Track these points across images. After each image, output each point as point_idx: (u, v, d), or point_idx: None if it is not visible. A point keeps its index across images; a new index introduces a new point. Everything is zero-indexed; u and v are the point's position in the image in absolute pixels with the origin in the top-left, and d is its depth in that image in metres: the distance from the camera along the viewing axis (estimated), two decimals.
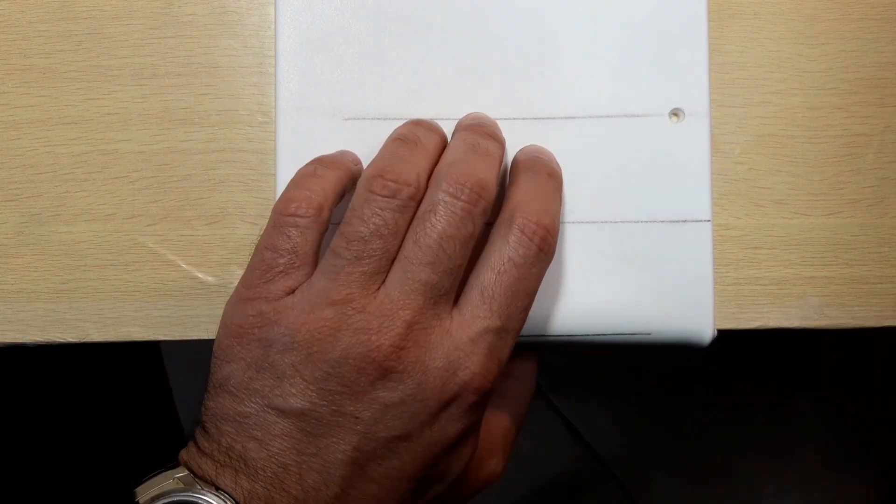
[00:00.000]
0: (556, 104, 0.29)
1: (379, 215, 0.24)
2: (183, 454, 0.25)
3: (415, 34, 0.29)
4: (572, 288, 0.29)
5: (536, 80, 0.29)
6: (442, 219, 0.24)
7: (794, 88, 0.30)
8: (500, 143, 0.27)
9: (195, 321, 0.30)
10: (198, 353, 0.32)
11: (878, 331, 0.31)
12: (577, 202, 0.29)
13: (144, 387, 0.54)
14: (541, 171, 0.27)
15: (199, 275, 0.30)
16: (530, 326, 0.29)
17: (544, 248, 0.25)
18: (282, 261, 0.25)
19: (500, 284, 0.24)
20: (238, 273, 0.30)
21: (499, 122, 0.29)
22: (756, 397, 0.95)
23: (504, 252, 0.24)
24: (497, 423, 0.29)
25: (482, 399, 0.25)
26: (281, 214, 0.25)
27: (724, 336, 0.30)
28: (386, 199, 0.24)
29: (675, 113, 0.29)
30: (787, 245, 0.30)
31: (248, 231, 0.30)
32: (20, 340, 0.30)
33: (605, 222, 0.29)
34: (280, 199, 0.25)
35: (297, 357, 0.24)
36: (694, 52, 0.29)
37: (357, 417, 0.23)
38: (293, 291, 0.25)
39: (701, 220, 0.29)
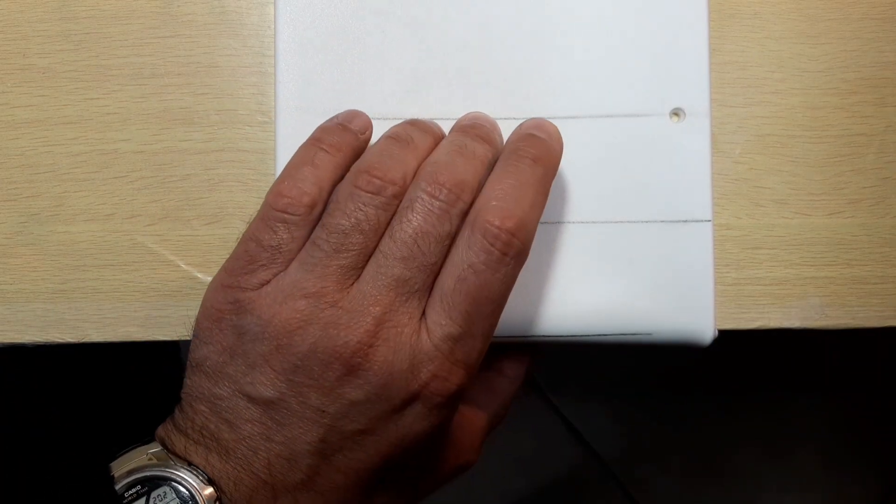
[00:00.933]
0: (557, 104, 0.29)
1: (361, 210, 0.24)
2: (160, 429, 0.26)
3: (414, 34, 0.29)
4: (572, 288, 0.29)
5: (536, 80, 0.29)
6: (418, 215, 0.24)
7: (794, 88, 0.30)
8: (492, 145, 0.27)
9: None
10: None
11: (878, 331, 0.31)
12: (577, 202, 0.29)
13: (165, 387, 0.54)
14: (524, 155, 0.25)
15: (199, 275, 0.30)
16: (531, 327, 0.29)
17: (509, 252, 0.24)
18: (264, 255, 0.25)
19: (459, 292, 0.24)
20: None
21: (499, 122, 0.29)
22: (756, 397, 0.94)
23: (465, 257, 0.24)
24: (478, 417, 0.29)
25: (448, 400, 0.25)
26: (271, 208, 0.25)
27: (724, 336, 0.30)
28: (370, 195, 0.24)
29: (676, 113, 0.29)
30: (787, 245, 0.30)
31: None
32: (19, 341, 0.30)
33: (606, 222, 0.29)
34: (273, 188, 0.25)
35: (267, 347, 0.24)
36: (694, 52, 0.29)
37: (324, 411, 0.24)
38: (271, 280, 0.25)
39: (701, 220, 0.29)
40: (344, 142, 0.26)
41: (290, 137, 0.29)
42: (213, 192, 0.30)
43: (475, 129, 0.27)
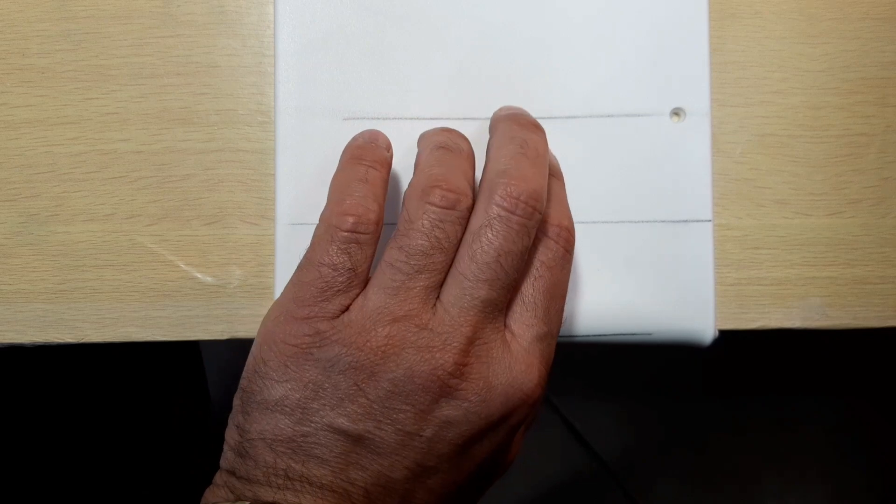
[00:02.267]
0: (557, 104, 0.29)
1: (440, 227, 0.24)
2: (210, 493, 0.24)
3: (415, 34, 0.29)
4: (573, 288, 0.29)
5: (536, 80, 0.29)
6: (499, 235, 0.23)
7: (795, 88, 0.30)
8: (544, 131, 0.26)
9: (194, 321, 0.30)
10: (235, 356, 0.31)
11: (878, 331, 0.31)
12: (577, 202, 0.29)
13: (182, 389, 0.53)
14: (555, 174, 0.27)
15: (198, 275, 0.30)
16: None
17: (570, 249, 0.25)
18: (341, 279, 0.24)
19: (538, 291, 0.25)
20: (238, 273, 0.30)
21: None
22: (756, 397, 0.94)
23: (535, 258, 0.25)
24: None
25: (538, 409, 0.25)
26: (338, 229, 0.24)
27: (725, 336, 0.29)
28: (446, 210, 0.24)
29: (677, 112, 0.29)
30: (788, 245, 0.30)
31: (247, 231, 0.30)
32: (18, 341, 0.30)
33: (606, 222, 0.29)
34: (334, 209, 0.24)
35: (361, 376, 0.23)
36: (695, 52, 0.29)
37: (420, 436, 0.23)
38: (348, 308, 0.24)
39: (702, 220, 0.29)
40: (380, 157, 0.26)
41: (289, 137, 0.29)
42: (212, 192, 0.30)
43: (526, 117, 0.27)
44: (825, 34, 0.30)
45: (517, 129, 0.26)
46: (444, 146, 0.26)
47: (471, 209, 0.24)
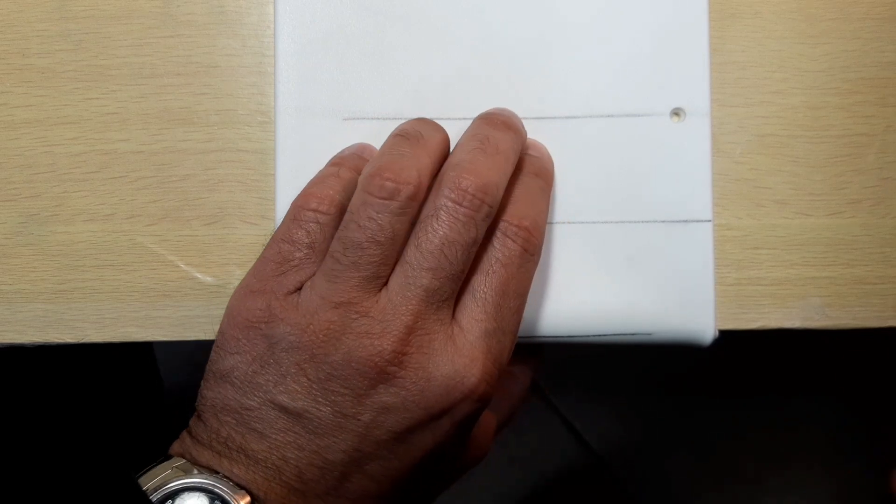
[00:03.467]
0: (557, 104, 0.29)
1: (375, 220, 0.24)
2: (176, 446, 0.25)
3: (415, 33, 0.29)
4: (573, 288, 0.29)
5: (537, 80, 0.29)
6: (444, 224, 0.24)
7: (795, 88, 0.30)
8: (516, 132, 0.27)
9: (194, 322, 0.30)
10: (192, 353, 0.32)
11: (878, 331, 0.31)
12: (577, 202, 0.29)
13: (136, 385, 0.53)
14: (527, 171, 0.27)
15: (198, 275, 0.30)
16: (532, 327, 0.29)
17: (528, 248, 0.25)
18: (298, 255, 0.25)
19: (489, 286, 0.24)
20: (238, 273, 0.30)
21: None
22: (756, 398, 0.94)
23: (490, 254, 0.25)
24: (491, 417, 0.29)
25: (484, 405, 0.25)
26: (302, 209, 0.25)
27: (725, 336, 0.30)
28: (383, 201, 0.24)
29: (676, 112, 0.29)
30: (788, 245, 0.30)
31: (247, 231, 0.30)
32: (18, 341, 0.30)
33: (606, 222, 0.29)
34: (301, 194, 0.26)
35: (302, 356, 0.24)
36: (695, 52, 0.29)
37: (358, 419, 0.24)
38: (301, 287, 0.25)
39: (702, 220, 0.29)
40: (358, 164, 0.27)
41: (289, 137, 0.29)
42: (212, 193, 0.30)
43: (498, 116, 0.27)
44: (825, 34, 0.30)
45: (484, 126, 0.26)
46: (402, 134, 0.26)
47: (419, 199, 0.24)
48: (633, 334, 0.29)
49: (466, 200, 0.24)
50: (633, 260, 0.29)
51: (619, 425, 0.95)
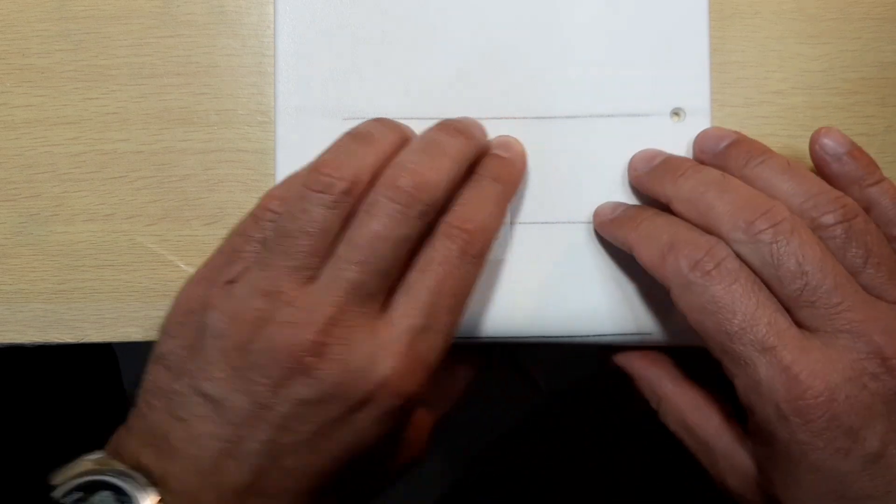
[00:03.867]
0: (557, 103, 0.29)
1: (307, 212, 0.24)
2: (113, 438, 0.25)
3: (415, 33, 0.29)
4: (573, 288, 0.29)
5: (537, 80, 0.29)
6: (374, 219, 0.24)
7: (795, 88, 0.30)
8: (468, 137, 0.27)
9: None
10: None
11: None
12: (577, 202, 0.29)
13: (97, 385, 0.53)
14: (484, 174, 0.27)
15: None
16: (532, 327, 0.29)
17: (468, 251, 0.25)
18: (248, 248, 0.25)
19: (421, 284, 0.24)
20: None
21: (499, 122, 0.29)
22: None
23: (427, 253, 0.25)
24: (427, 415, 0.29)
25: (405, 403, 0.24)
26: (262, 207, 0.25)
27: None
28: (317, 194, 0.24)
29: (677, 112, 0.29)
30: None
31: None
32: (18, 341, 0.30)
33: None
34: (266, 192, 0.26)
35: (226, 344, 0.24)
36: (695, 52, 0.29)
37: (275, 410, 0.23)
38: None
39: None
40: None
41: (289, 137, 0.29)
42: (212, 193, 0.30)
43: (451, 122, 0.27)
44: (825, 34, 0.30)
45: (434, 131, 0.27)
46: (351, 132, 0.26)
47: (355, 194, 0.25)
48: (633, 334, 0.29)
49: (401, 197, 0.24)
50: (633, 260, 0.29)
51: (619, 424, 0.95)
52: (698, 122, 0.29)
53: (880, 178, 0.26)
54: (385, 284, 0.24)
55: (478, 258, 0.25)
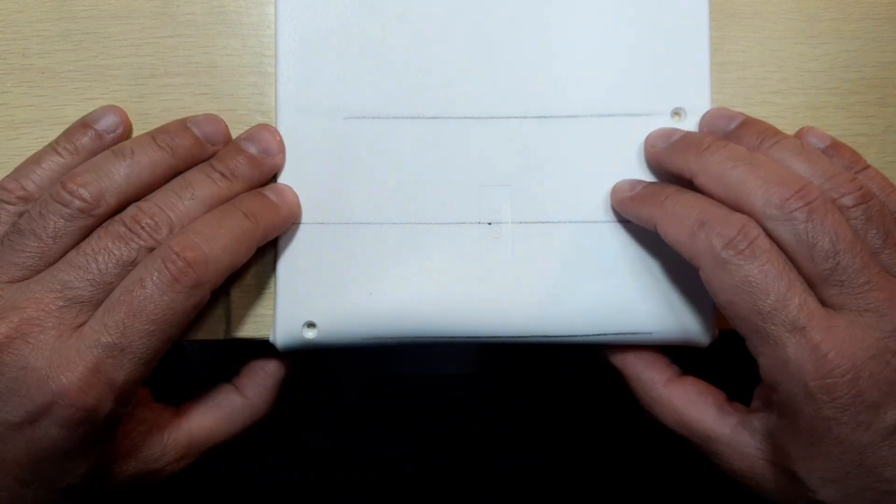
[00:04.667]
0: (558, 103, 0.29)
1: (42, 216, 0.25)
2: None
3: (415, 33, 0.29)
4: (573, 288, 0.29)
5: (538, 79, 0.29)
6: (100, 233, 0.25)
7: (795, 88, 0.30)
8: (232, 178, 0.27)
9: (194, 321, 0.30)
10: None
11: None
12: (578, 202, 0.29)
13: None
14: (238, 207, 0.27)
15: None
16: (532, 327, 0.29)
17: (181, 280, 0.24)
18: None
19: (122, 302, 0.24)
20: (238, 274, 0.30)
21: (499, 122, 0.29)
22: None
23: (138, 271, 0.25)
24: (191, 427, 0.29)
25: (87, 415, 0.23)
26: (6, 190, 0.27)
27: (725, 337, 0.29)
28: (56, 204, 0.25)
29: (677, 112, 0.29)
30: None
31: None
32: None
33: (606, 222, 0.29)
34: (12, 175, 0.27)
35: None
36: (695, 52, 0.29)
37: None
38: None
39: None
40: (81, 144, 0.28)
41: (290, 137, 0.29)
42: None
43: (222, 161, 0.28)
44: (825, 34, 0.30)
45: (193, 171, 0.27)
46: (114, 149, 0.27)
47: (93, 213, 0.25)
48: (633, 334, 0.29)
49: (126, 219, 0.25)
50: (634, 260, 0.29)
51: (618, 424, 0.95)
52: (698, 122, 0.29)
53: (865, 165, 0.27)
54: (96, 298, 0.25)
55: (192, 289, 0.24)
